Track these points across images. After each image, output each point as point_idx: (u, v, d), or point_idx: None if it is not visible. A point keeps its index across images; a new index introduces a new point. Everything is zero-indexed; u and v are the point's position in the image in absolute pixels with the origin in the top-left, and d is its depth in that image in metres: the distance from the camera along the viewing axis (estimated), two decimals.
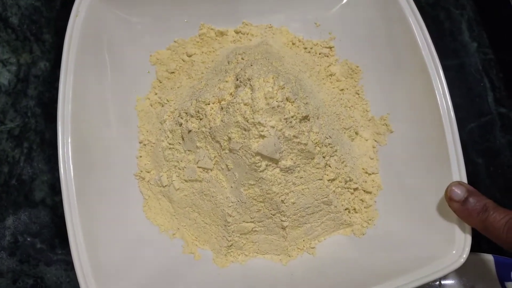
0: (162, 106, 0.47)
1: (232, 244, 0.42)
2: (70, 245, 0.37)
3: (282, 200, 0.40)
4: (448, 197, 0.37)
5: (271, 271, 0.42)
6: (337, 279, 0.39)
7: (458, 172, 0.40)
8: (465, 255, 0.37)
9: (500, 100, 0.51)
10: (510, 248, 0.35)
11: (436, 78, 0.42)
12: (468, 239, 0.38)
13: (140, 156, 0.46)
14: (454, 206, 0.37)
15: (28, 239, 0.46)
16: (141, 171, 0.45)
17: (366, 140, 0.47)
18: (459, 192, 0.37)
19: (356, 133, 0.47)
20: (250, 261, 0.43)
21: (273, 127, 0.38)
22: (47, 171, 0.48)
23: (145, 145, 0.47)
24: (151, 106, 0.48)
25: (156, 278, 0.40)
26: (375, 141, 0.47)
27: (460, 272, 0.44)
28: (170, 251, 0.43)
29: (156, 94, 0.49)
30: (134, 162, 0.46)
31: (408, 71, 0.45)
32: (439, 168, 0.41)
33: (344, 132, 0.46)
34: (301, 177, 0.40)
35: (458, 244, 0.38)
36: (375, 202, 0.45)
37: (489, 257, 0.43)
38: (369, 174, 0.46)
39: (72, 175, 0.39)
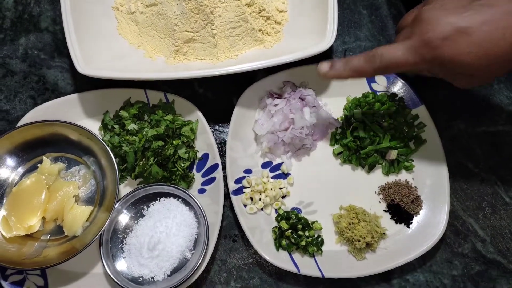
0: None
1: (178, 50, 0.60)
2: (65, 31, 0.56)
3: (211, 12, 0.58)
4: (321, 74, 0.52)
5: (204, 64, 0.60)
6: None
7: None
8: (330, 43, 0.55)
9: None
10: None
11: None
12: (333, 36, 0.56)
13: None
14: (329, 74, 0.52)
15: (35, 52, 0.64)
16: (117, 4, 0.64)
17: None
18: (323, 65, 0.52)
19: None
20: (191, 63, 0.61)
21: None
22: (50, 10, 0.66)
23: None
24: None
25: (124, 63, 0.59)
26: None
27: None
28: (135, 55, 0.61)
29: None
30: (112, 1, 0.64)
31: None
32: (322, 8, 0.59)
33: None
34: None
35: (327, 38, 0.56)
36: (283, 29, 0.63)
37: None
38: (280, 12, 0.64)
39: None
